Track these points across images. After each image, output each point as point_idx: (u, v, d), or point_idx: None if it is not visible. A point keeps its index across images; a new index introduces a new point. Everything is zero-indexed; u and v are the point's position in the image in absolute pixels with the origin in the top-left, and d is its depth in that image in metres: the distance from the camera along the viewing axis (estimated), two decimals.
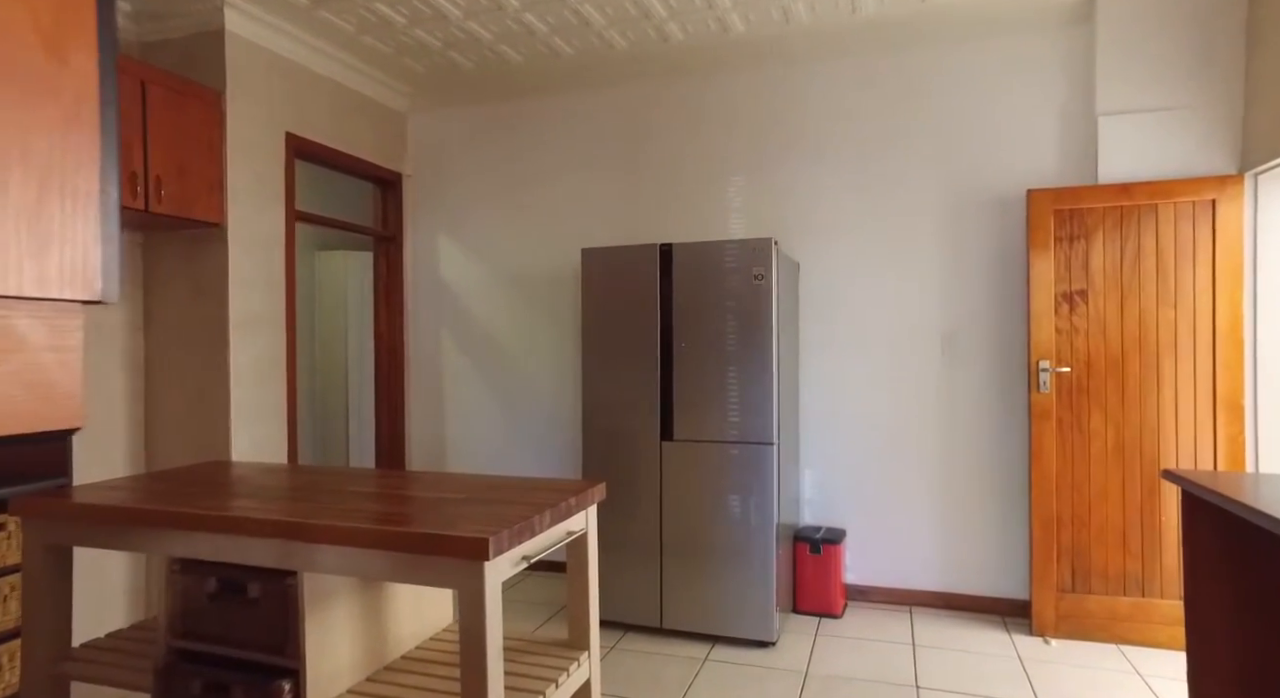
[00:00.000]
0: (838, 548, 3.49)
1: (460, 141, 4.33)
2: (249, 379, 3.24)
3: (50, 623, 1.82)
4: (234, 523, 1.55)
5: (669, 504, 3.25)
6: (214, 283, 3.17)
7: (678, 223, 3.95)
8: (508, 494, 1.79)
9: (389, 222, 4.34)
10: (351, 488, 1.86)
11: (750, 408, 3.14)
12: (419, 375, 4.42)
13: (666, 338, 3.28)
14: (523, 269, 4.21)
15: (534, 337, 4.19)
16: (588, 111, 4.08)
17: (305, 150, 3.61)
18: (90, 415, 3.07)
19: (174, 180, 2.93)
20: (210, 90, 3.09)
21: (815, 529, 3.64)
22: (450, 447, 4.35)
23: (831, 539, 3.50)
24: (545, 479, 1.99)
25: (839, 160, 3.68)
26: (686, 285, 3.23)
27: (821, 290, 3.72)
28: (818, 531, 3.62)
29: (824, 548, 3.49)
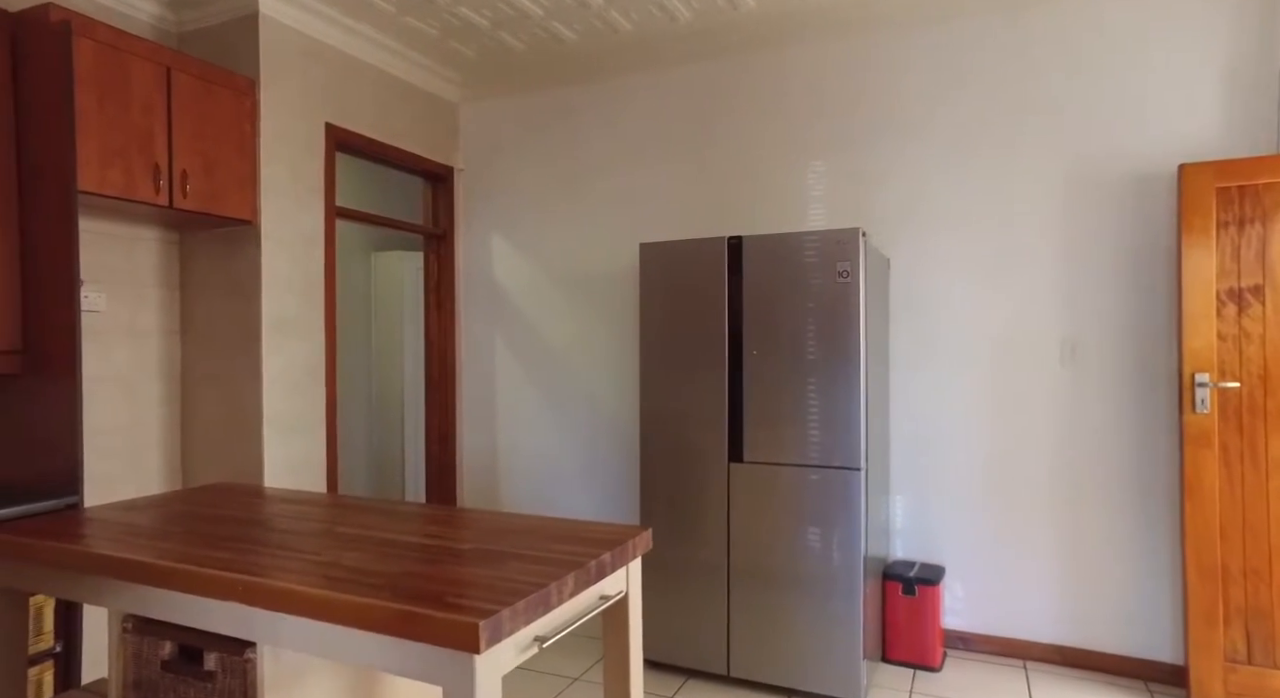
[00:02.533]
0: (935, 589, 2.99)
1: (513, 132, 4.04)
2: (283, 388, 3.02)
3: (4, 679, 1.57)
4: (184, 578, 1.25)
5: (738, 534, 2.84)
6: (247, 285, 2.96)
7: (748, 213, 3.52)
8: (528, 543, 1.43)
9: (439, 219, 4.09)
10: (344, 528, 1.55)
11: (833, 426, 2.69)
12: (470, 381, 4.15)
13: (736, 344, 2.87)
14: (579, 267, 3.88)
15: (590, 341, 3.85)
16: (648, 95, 3.72)
17: (347, 143, 3.38)
18: (125, 426, 2.91)
19: (201, 174, 2.72)
20: (243, 78, 2.88)
21: (908, 566, 3.14)
22: (501, 458, 4.06)
23: (928, 579, 3.00)
24: (579, 523, 1.62)
25: (937, 140, 3.18)
26: (759, 284, 2.82)
27: (916, 290, 3.23)
28: (911, 567, 3.12)
29: (919, 589, 2.99)
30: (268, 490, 1.98)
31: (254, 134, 2.93)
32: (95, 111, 2.42)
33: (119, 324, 2.89)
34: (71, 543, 1.41)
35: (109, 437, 2.86)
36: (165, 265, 3.07)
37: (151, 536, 1.47)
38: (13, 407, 2.42)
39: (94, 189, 2.40)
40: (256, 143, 2.93)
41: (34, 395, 2.37)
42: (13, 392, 2.41)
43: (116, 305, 2.89)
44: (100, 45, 2.44)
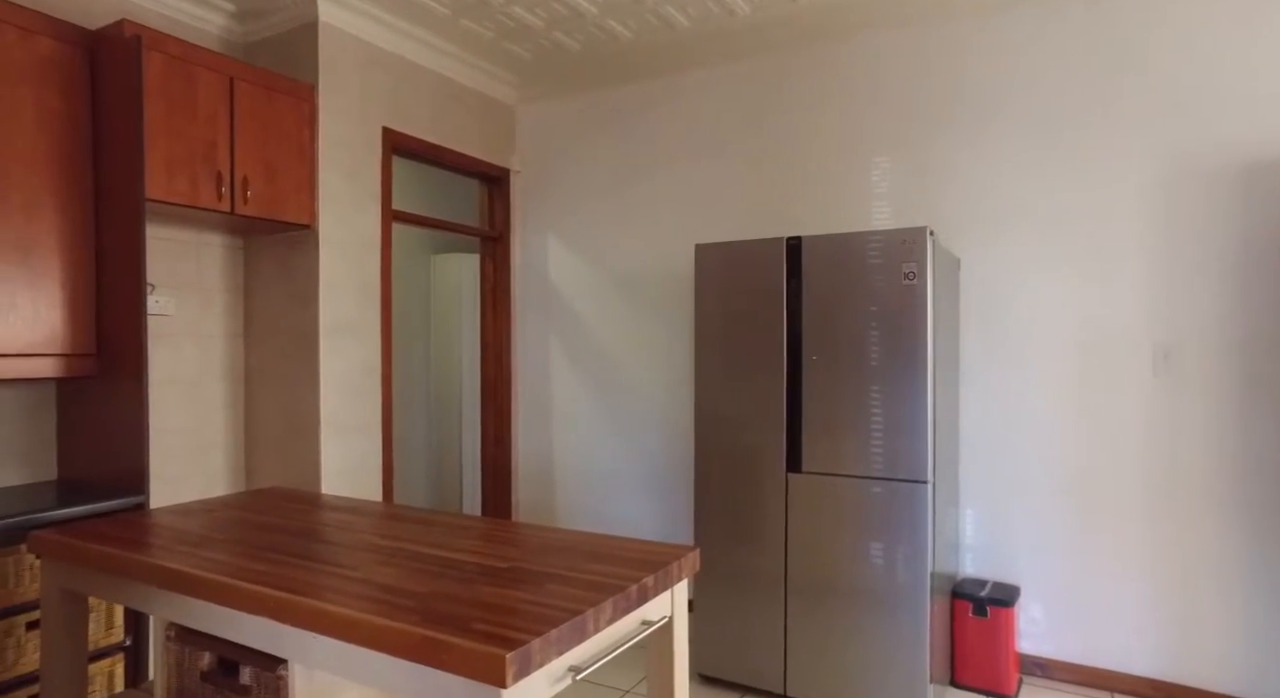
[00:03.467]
0: (1009, 611, 2.80)
1: (569, 133, 4.01)
2: (340, 391, 3.06)
3: (64, 676, 1.61)
4: (219, 590, 1.23)
5: (796, 546, 2.72)
6: (305, 288, 3.00)
7: (808, 213, 3.39)
8: (567, 562, 1.37)
9: (495, 221, 4.09)
10: (384, 540, 1.52)
11: (898, 437, 2.54)
12: (525, 384, 4.14)
13: (794, 348, 2.75)
14: (634, 268, 3.81)
15: (645, 343, 3.78)
16: (705, 92, 3.62)
17: (404, 146, 3.40)
18: (192, 426, 3.00)
19: (262, 180, 2.77)
20: (303, 85, 2.93)
21: (979, 584, 2.96)
22: (557, 461, 4.03)
23: (1001, 599, 2.81)
24: (622, 541, 1.55)
25: (1010, 132, 2.97)
26: (819, 285, 2.69)
27: (988, 291, 3.03)
28: (982, 586, 2.93)
29: (992, 609, 2.81)
30: (314, 496, 1.98)
31: (313, 139, 2.97)
32: (163, 121, 2.48)
33: (187, 327, 2.98)
34: (117, 548, 1.42)
35: (177, 437, 2.95)
36: (230, 270, 3.15)
37: (196, 543, 1.48)
38: (89, 408, 2.51)
39: (161, 197, 2.47)
40: (315, 148, 2.98)
41: (107, 397, 2.45)
42: (89, 393, 2.51)
43: (185, 309, 2.98)
44: (169, 58, 2.51)
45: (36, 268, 2.32)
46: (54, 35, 2.37)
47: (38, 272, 2.33)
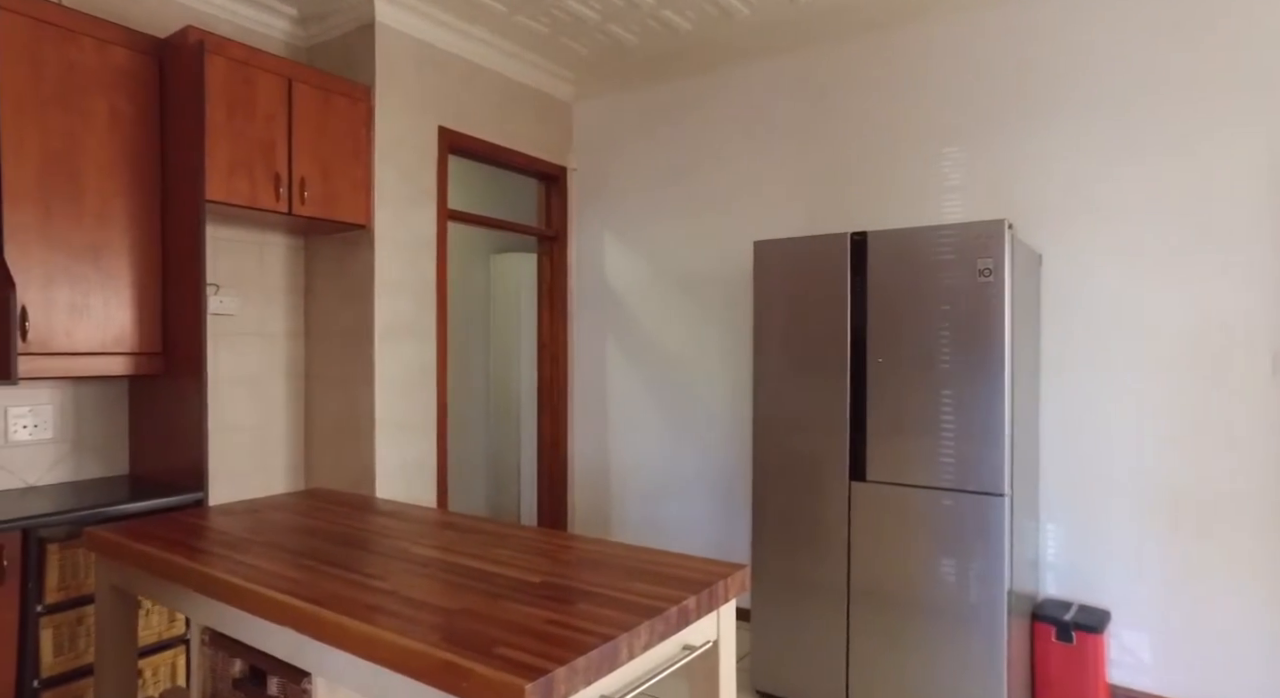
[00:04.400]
0: (1098, 637, 2.57)
1: (626, 129, 3.93)
2: (395, 391, 3.06)
3: (115, 670, 1.62)
4: (248, 597, 1.20)
5: (859, 558, 2.57)
6: (361, 288, 3.02)
7: (872, 208, 3.21)
8: (604, 578, 1.28)
9: (552, 220, 4.05)
10: (420, 548, 1.47)
11: (971, 446, 2.36)
12: (582, 385, 4.09)
13: (859, 350, 2.59)
14: (692, 266, 3.71)
15: (703, 343, 3.67)
16: (764, 84, 3.48)
17: (460, 145, 3.39)
18: (254, 424, 3.07)
19: (319, 181, 2.80)
20: (360, 87, 2.95)
21: (1063, 606, 2.73)
22: (613, 465, 3.97)
23: (1089, 624, 2.58)
24: (665, 557, 1.45)
25: (1099, 117, 2.73)
26: (885, 283, 2.53)
27: (1074, 289, 2.80)
28: (1067, 608, 2.71)
29: (1078, 634, 2.58)
30: (357, 499, 1.96)
31: (369, 140, 2.99)
32: (224, 124, 2.53)
33: (251, 327, 3.05)
34: (159, 549, 1.41)
35: (241, 434, 3.01)
36: (291, 270, 3.20)
37: (234, 546, 1.46)
38: (156, 406, 2.58)
39: (221, 198, 2.51)
40: (371, 148, 2.99)
41: (171, 395, 2.51)
42: (156, 391, 2.58)
43: (248, 309, 3.04)
44: (231, 62, 2.55)
45: (107, 269, 2.39)
46: (127, 45, 2.44)
47: (108, 273, 2.40)
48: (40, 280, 2.25)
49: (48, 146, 2.27)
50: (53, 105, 2.27)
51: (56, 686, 2.14)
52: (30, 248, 2.23)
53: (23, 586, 2.07)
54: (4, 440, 2.44)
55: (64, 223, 2.30)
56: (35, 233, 2.24)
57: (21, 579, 2.06)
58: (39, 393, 2.50)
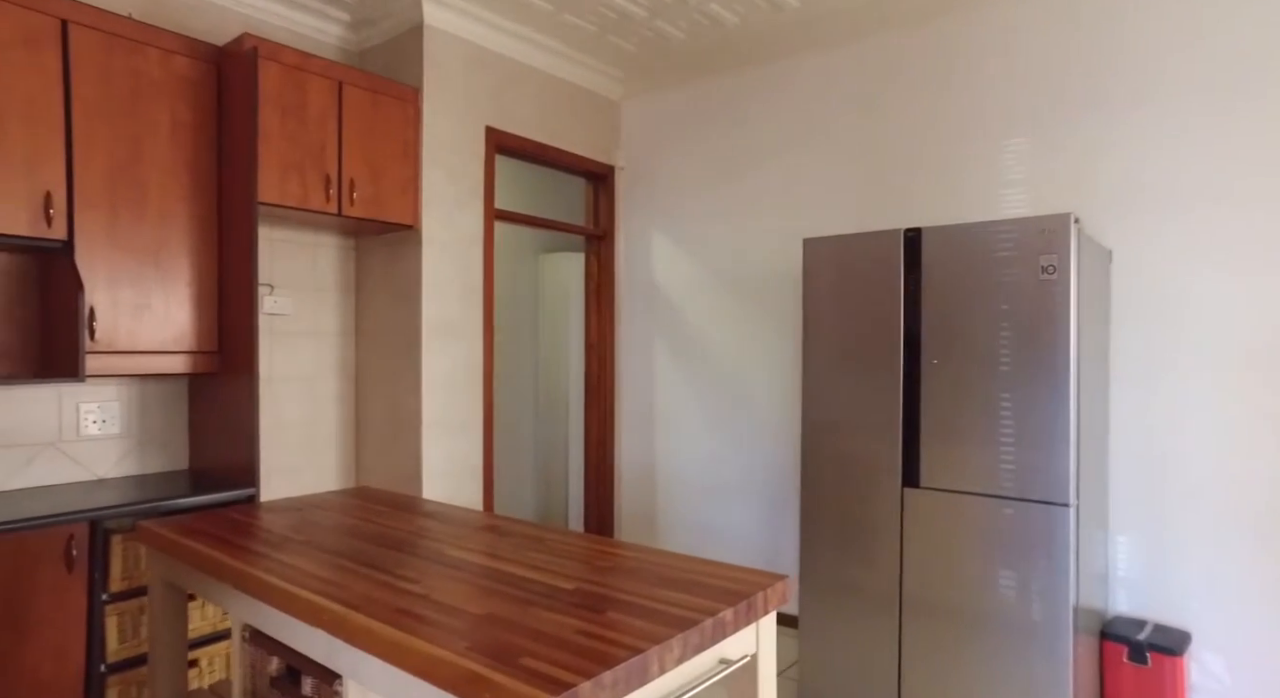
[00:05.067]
0: (1177, 660, 2.41)
1: (674, 126, 3.89)
2: (442, 390, 3.09)
3: (167, 661, 1.67)
4: (282, 597, 1.20)
5: (913, 568, 2.47)
6: (408, 287, 3.06)
7: (927, 203, 3.09)
8: (638, 586, 1.25)
9: (600, 219, 4.04)
10: (456, 550, 1.45)
11: (1033, 452, 2.24)
12: (629, 385, 4.07)
13: (913, 351, 2.49)
14: (740, 265, 3.64)
15: (751, 344, 3.59)
16: (816, 76, 3.39)
17: (507, 145, 3.40)
18: (307, 421, 3.14)
19: (368, 182, 2.84)
20: (408, 88, 2.98)
21: (1136, 625, 2.57)
22: (660, 465, 3.93)
23: (1167, 646, 2.42)
24: (703, 565, 1.40)
25: (1175, 102, 2.56)
26: (941, 282, 2.42)
27: (1148, 288, 2.63)
28: (1140, 627, 2.55)
29: (1154, 656, 2.43)
30: (399, 498, 1.97)
31: (416, 141, 3.02)
32: (277, 127, 2.59)
33: (303, 326, 3.12)
34: (203, 544, 1.44)
35: (294, 431, 3.09)
36: (343, 270, 3.26)
37: (275, 544, 1.48)
38: (212, 403, 2.66)
39: (274, 200, 2.57)
40: (419, 149, 3.02)
41: (226, 393, 2.58)
42: (213, 389, 2.66)
43: (302, 308, 3.11)
44: (284, 67, 2.61)
45: (167, 270, 2.48)
46: (189, 54, 2.52)
47: (168, 274, 2.48)
48: (106, 282, 2.34)
49: (114, 153, 2.35)
50: (119, 113, 2.36)
51: (121, 670, 2.22)
52: (98, 251, 2.32)
53: (90, 574, 2.15)
54: (76, 435, 2.55)
55: (128, 226, 2.39)
56: (102, 236, 2.33)
57: (89, 568, 2.15)
58: (106, 390, 2.60)
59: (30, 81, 2.19)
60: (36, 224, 2.21)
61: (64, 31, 2.26)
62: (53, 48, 2.24)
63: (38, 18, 2.21)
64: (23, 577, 2.02)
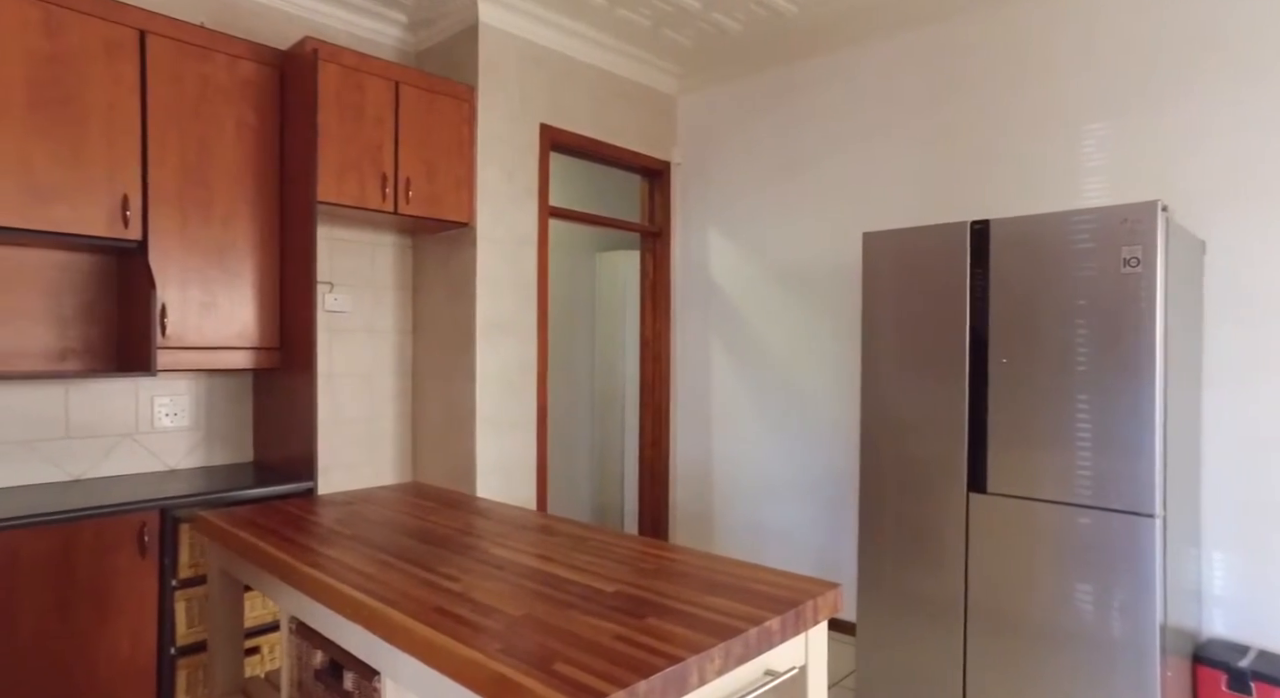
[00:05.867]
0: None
1: (731, 120, 3.81)
2: (496, 387, 3.10)
3: (224, 648, 1.70)
4: (324, 591, 1.20)
5: (979, 576, 2.34)
6: (463, 285, 3.08)
7: (996, 194, 2.93)
8: (681, 590, 1.20)
9: (655, 216, 4.00)
10: (499, 548, 1.43)
11: (1115, 458, 2.09)
12: (684, 384, 4.01)
13: (979, 349, 2.36)
14: (799, 262, 3.54)
15: (810, 342, 3.49)
16: (878, 65, 3.26)
17: (562, 142, 3.40)
18: (365, 417, 3.20)
19: (423, 180, 2.87)
20: (463, 87, 3.00)
21: (1236, 650, 2.37)
22: (715, 466, 3.86)
23: (1273, 675, 2.22)
24: (751, 570, 1.34)
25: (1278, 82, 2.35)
26: (1011, 276, 2.28)
27: (1247, 281, 2.43)
28: (1242, 653, 2.35)
29: (1258, 686, 2.23)
30: (448, 494, 1.97)
31: (472, 139, 3.04)
32: (335, 127, 2.64)
33: (362, 323, 3.18)
34: (253, 535, 1.46)
35: (353, 426, 3.15)
36: (400, 268, 3.32)
37: (322, 538, 1.49)
38: (274, 397, 2.74)
39: (332, 199, 2.62)
40: (474, 147, 3.04)
41: (286, 388, 2.65)
42: (275, 384, 2.73)
43: (360, 306, 3.17)
44: (343, 68, 2.66)
45: (232, 269, 2.55)
46: (254, 58, 2.59)
47: (233, 272, 2.56)
48: (176, 280, 2.43)
49: (184, 157, 2.44)
50: (189, 118, 2.45)
51: (189, 654, 2.30)
52: (169, 250, 2.41)
53: (161, 560, 2.23)
54: (150, 427, 2.66)
55: (197, 227, 2.47)
56: (174, 236, 2.42)
57: (160, 554, 2.23)
58: (177, 384, 2.71)
59: (111, 90, 2.29)
60: (114, 225, 2.31)
61: (141, 41, 2.35)
62: (131, 57, 2.33)
63: (119, 29, 2.31)
64: (103, 560, 2.11)
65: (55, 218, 2.21)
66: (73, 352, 2.47)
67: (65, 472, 2.48)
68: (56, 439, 2.47)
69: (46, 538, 2.02)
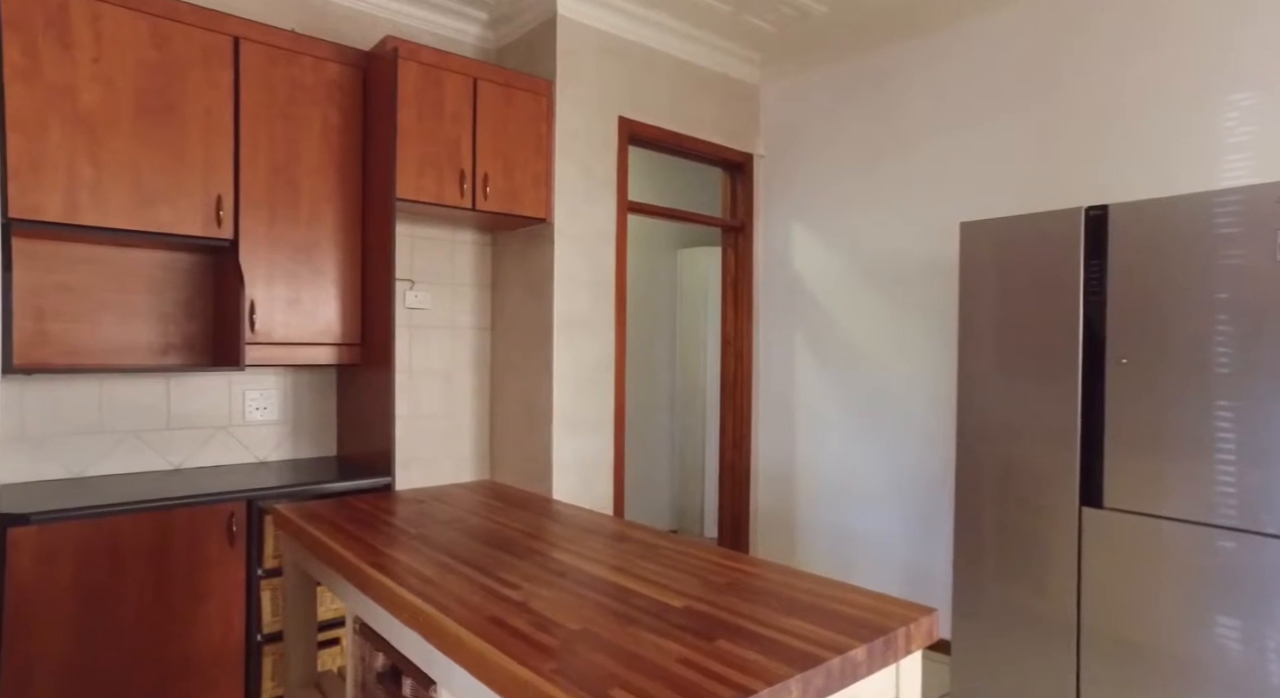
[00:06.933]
0: None
1: (817, 109, 3.64)
2: (573, 385, 3.06)
3: (299, 639, 1.71)
4: (384, 593, 1.16)
5: (1094, 599, 2.11)
6: (540, 281, 3.06)
7: (1114, 175, 2.65)
8: (758, 609, 1.09)
9: (737, 210, 3.87)
10: (564, 554, 1.37)
11: (1268, 474, 1.83)
12: (767, 383, 3.87)
13: (1095, 348, 2.13)
14: (890, 256, 3.33)
15: (901, 340, 3.28)
16: (977, 42, 3.02)
17: (641, 135, 3.32)
18: (444, 413, 3.23)
19: (501, 176, 2.86)
20: (541, 81, 2.97)
21: None
22: (799, 468, 3.70)
23: None
24: (837, 588, 1.22)
25: None
26: (1133, 267, 2.05)
27: None
28: None
29: None
30: (520, 495, 1.92)
31: (549, 134, 3.01)
32: (415, 125, 2.65)
33: (441, 320, 3.20)
34: (320, 531, 1.45)
35: (432, 422, 3.18)
36: (479, 265, 3.33)
37: (389, 538, 1.46)
38: (356, 393, 2.78)
39: (411, 196, 2.64)
40: (551, 142, 3.00)
41: (367, 384, 2.69)
42: (356, 380, 2.78)
43: (440, 303, 3.20)
44: (423, 66, 2.67)
45: (316, 266, 2.61)
46: (338, 60, 2.64)
47: (317, 269, 2.61)
48: (264, 277, 2.50)
49: (273, 158, 2.51)
50: (277, 120, 2.51)
51: (273, 642, 2.35)
52: (258, 248, 2.48)
53: (248, 549, 2.30)
54: (242, 419, 2.75)
55: (284, 225, 2.53)
56: (262, 235, 2.49)
57: (246, 544, 2.30)
58: (265, 378, 2.79)
59: (208, 95, 2.38)
60: (209, 225, 2.40)
61: (236, 48, 2.43)
62: (227, 63, 2.41)
63: (215, 37, 2.39)
64: (196, 547, 2.19)
65: (159, 219, 2.31)
66: (173, 346, 2.58)
67: (168, 461, 2.60)
68: (160, 430, 2.58)
69: (146, 524, 2.11)
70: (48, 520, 1.95)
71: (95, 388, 2.46)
